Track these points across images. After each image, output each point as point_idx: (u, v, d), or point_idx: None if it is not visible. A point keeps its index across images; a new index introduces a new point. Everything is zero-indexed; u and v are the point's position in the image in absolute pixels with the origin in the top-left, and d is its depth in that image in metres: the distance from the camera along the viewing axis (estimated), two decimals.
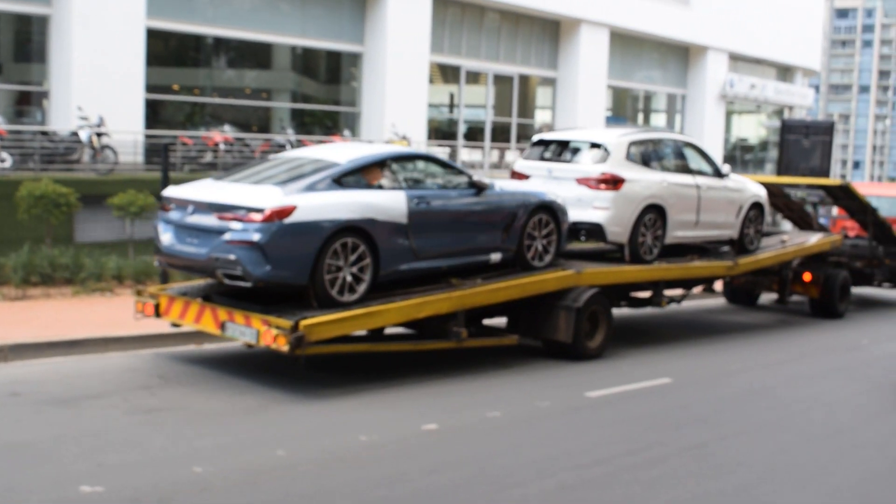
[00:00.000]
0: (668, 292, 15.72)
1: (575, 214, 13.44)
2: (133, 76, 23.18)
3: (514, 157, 32.66)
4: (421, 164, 11.64)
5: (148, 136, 23.32)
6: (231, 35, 26.61)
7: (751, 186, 16.47)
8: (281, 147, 24.49)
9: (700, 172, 15.23)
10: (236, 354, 12.05)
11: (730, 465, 8.65)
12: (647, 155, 14.25)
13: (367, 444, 8.49)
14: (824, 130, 27.84)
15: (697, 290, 17.86)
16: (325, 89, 30.40)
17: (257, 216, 9.74)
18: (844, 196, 21.46)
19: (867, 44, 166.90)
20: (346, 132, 28.09)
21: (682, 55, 41.77)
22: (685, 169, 14.96)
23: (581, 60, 35.43)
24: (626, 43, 38.50)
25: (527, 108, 36.27)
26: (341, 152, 11.09)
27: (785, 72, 48.35)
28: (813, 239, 19.35)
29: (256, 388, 10.28)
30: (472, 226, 11.76)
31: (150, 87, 24.33)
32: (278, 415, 9.33)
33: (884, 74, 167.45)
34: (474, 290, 11.58)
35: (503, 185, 12.42)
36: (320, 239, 9.95)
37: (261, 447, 8.21)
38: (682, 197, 14.61)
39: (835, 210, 23.55)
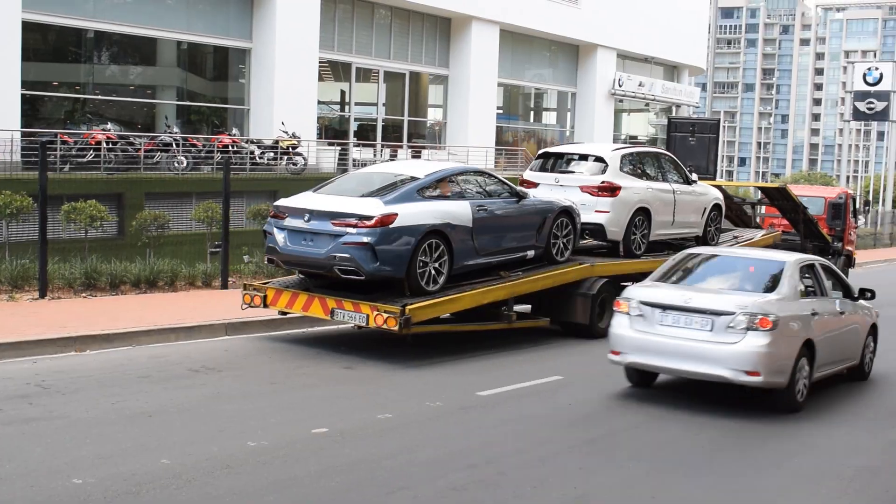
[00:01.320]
0: None
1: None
2: (8, 71, 22.44)
3: (406, 156, 32.66)
4: (475, 178, 14.32)
5: (25, 135, 22.60)
6: (113, 29, 25.98)
7: (712, 191, 19.40)
8: (167, 146, 24.02)
9: (674, 180, 18.07)
10: (119, 361, 11.78)
11: (618, 459, 8.81)
12: (635, 166, 17.07)
13: (255, 449, 8.39)
14: (710, 128, 28.67)
15: None
16: (212, 86, 29.93)
17: (367, 222, 12.27)
18: (780, 197, 23.80)
19: (751, 43, 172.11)
20: (235, 130, 27.73)
21: (572, 53, 42.41)
22: (663, 177, 17.79)
23: (472, 58, 35.67)
24: (517, 41, 38.91)
25: (419, 106, 36.37)
26: (418, 168, 13.84)
27: (672, 70, 49.53)
28: (759, 235, 21.73)
29: (139, 396, 10.06)
30: (515, 228, 14.44)
31: (27, 84, 23.60)
32: (162, 422, 9.15)
33: (768, 73, 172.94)
34: (522, 281, 14.37)
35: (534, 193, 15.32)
36: (415, 240, 12.52)
37: (144, 455, 8.03)
38: (663, 201, 17.39)
39: (762, 209, 25.88)
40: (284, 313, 13.70)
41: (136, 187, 21.93)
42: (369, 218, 12.30)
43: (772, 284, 11.32)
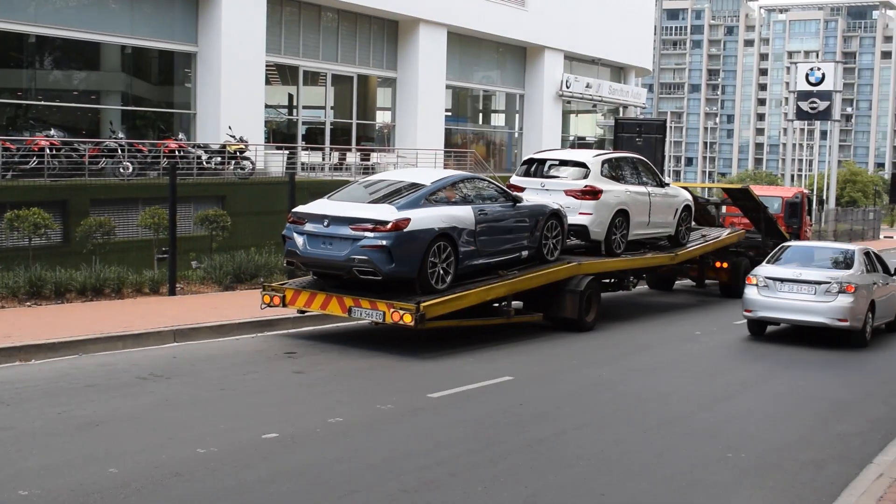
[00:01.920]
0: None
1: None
2: None
3: (354, 160, 32.59)
4: (475, 183, 15.54)
5: None
6: (55, 34, 25.63)
7: (682, 193, 20.84)
8: (113, 151, 23.74)
9: (649, 183, 19.37)
10: (66, 370, 11.64)
11: (568, 458, 8.88)
12: (614, 170, 18.38)
13: (205, 456, 8.33)
14: (657, 128, 29.04)
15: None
16: (157, 90, 29.64)
17: (383, 227, 13.43)
18: (743, 197, 25.46)
19: (696, 44, 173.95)
20: (181, 135, 27.47)
21: (519, 55, 42.61)
22: (639, 181, 19.11)
23: (420, 60, 35.69)
24: (464, 43, 39.00)
25: (367, 109, 36.31)
26: (423, 176, 15.18)
27: (619, 72, 49.95)
28: (724, 233, 23.35)
29: (87, 405, 9.95)
30: (512, 230, 15.70)
31: None
32: (110, 431, 9.05)
33: (713, 74, 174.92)
34: (520, 279, 15.59)
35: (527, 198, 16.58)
36: (426, 243, 13.75)
37: (92, 465, 7.94)
38: (640, 203, 18.72)
39: (723, 209, 27.21)
40: (303, 312, 14.90)
41: (81, 194, 21.64)
42: (385, 223, 13.52)
43: (848, 264, 16.85)
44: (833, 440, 10.28)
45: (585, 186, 17.48)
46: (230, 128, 27.29)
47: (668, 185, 20.11)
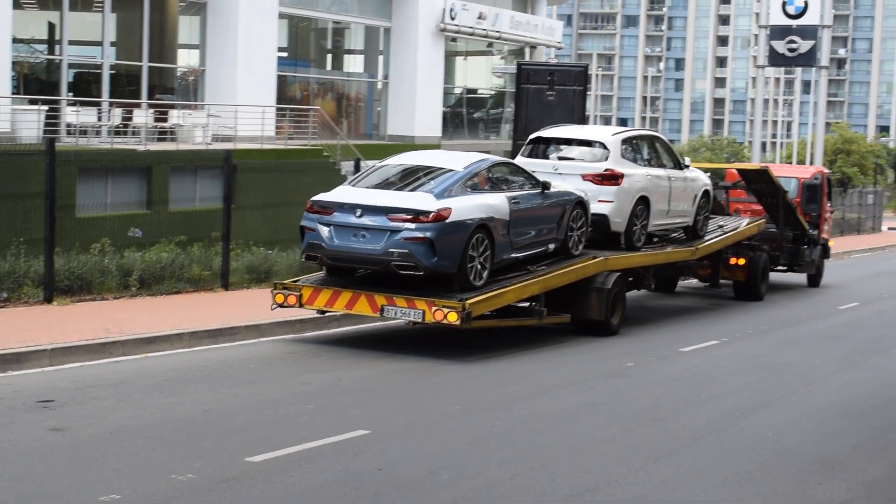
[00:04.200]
0: None
1: None
2: None
3: (145, 119, 32.12)
4: (503, 168, 19.04)
5: None
6: None
7: (701, 176, 24.18)
8: None
9: (668, 165, 22.51)
10: None
11: None
12: (635, 151, 21.61)
13: None
14: (575, 77, 29.29)
15: None
16: None
17: (425, 217, 16.44)
18: (760, 180, 29.27)
19: None
20: None
21: None
22: (658, 163, 22.30)
23: None
24: None
25: (164, 48, 35.94)
26: (451, 160, 18.46)
27: None
28: (744, 224, 27.17)
29: None
30: (542, 220, 18.84)
31: None
32: None
33: (656, 1, 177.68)
34: (552, 275, 18.83)
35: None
36: (467, 234, 16.78)
37: None
38: (660, 188, 21.74)
39: (723, 193, 30.38)
40: (323, 312, 18.00)
41: None
42: (426, 213, 16.46)
43: None
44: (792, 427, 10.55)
45: (606, 170, 20.46)
46: None
47: (687, 166, 23.43)
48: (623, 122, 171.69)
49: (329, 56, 43.66)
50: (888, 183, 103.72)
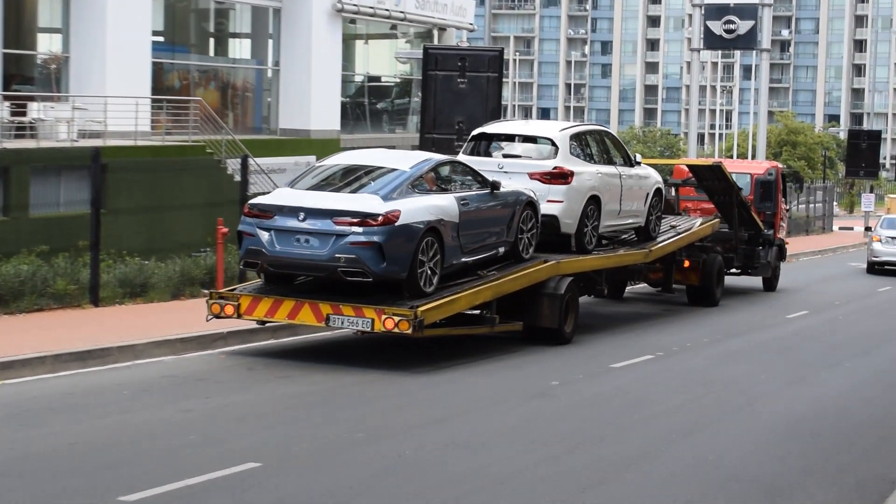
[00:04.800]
0: None
1: None
2: None
3: (0, 114, 31.72)
4: (450, 167, 20.02)
5: None
6: None
7: (653, 173, 25.54)
8: None
9: (618, 162, 23.83)
10: None
11: None
12: (583, 147, 22.79)
13: None
14: (489, 63, 29.38)
15: None
16: None
17: (373, 220, 17.30)
18: (712, 177, 30.55)
19: None
20: None
21: None
22: (609, 159, 23.60)
23: None
24: None
25: (22, 31, 35.56)
26: (398, 159, 19.60)
27: None
28: (697, 224, 28.60)
29: None
30: (491, 222, 19.85)
31: None
32: None
33: None
34: (504, 280, 19.80)
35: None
36: (417, 238, 17.65)
37: None
38: (612, 187, 22.87)
39: (671, 191, 31.19)
40: (263, 323, 18.77)
41: None
42: (374, 216, 17.37)
43: None
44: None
45: (555, 168, 21.42)
46: None
47: (639, 163, 24.77)
48: (545, 113, 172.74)
49: (212, 40, 43.47)
50: (839, 178, 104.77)
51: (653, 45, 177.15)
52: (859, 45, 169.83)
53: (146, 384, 16.52)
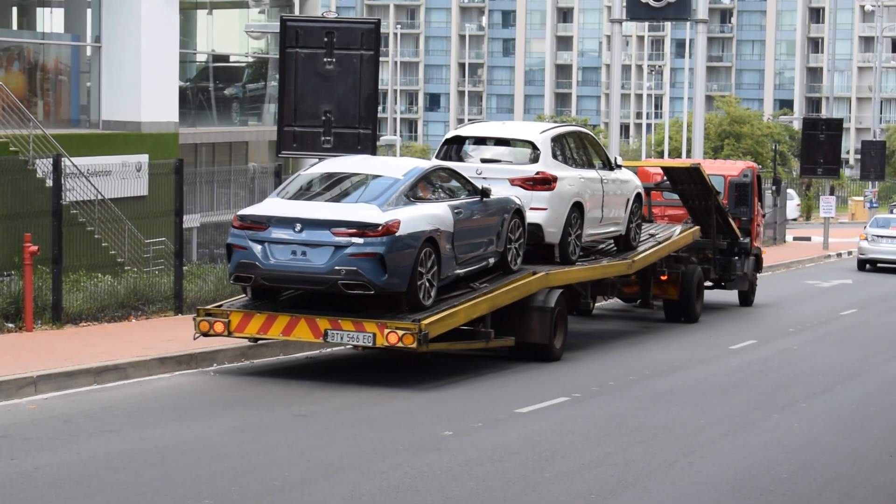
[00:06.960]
0: None
1: None
2: None
3: None
4: (441, 174, 22.79)
5: None
6: None
7: (633, 177, 28.52)
8: None
9: (598, 165, 26.64)
10: None
11: None
12: (563, 151, 25.47)
13: None
14: (364, 38, 29.39)
15: None
16: None
17: (373, 231, 19.78)
18: (689, 180, 33.08)
19: None
20: None
21: None
22: (589, 163, 26.39)
23: None
24: None
25: None
26: (389, 166, 22.74)
27: None
28: (676, 232, 31.32)
29: None
30: (482, 232, 22.71)
31: None
32: None
33: None
34: (498, 293, 22.69)
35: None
36: (416, 249, 20.32)
37: None
38: (594, 193, 25.73)
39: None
40: (255, 340, 21.38)
41: None
42: (374, 226, 19.92)
43: None
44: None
45: (538, 173, 24.23)
46: None
47: (619, 166, 27.66)
48: (434, 98, 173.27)
49: (14, 10, 43.19)
50: (793, 177, 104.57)
51: (565, 15, 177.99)
52: (816, 15, 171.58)
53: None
